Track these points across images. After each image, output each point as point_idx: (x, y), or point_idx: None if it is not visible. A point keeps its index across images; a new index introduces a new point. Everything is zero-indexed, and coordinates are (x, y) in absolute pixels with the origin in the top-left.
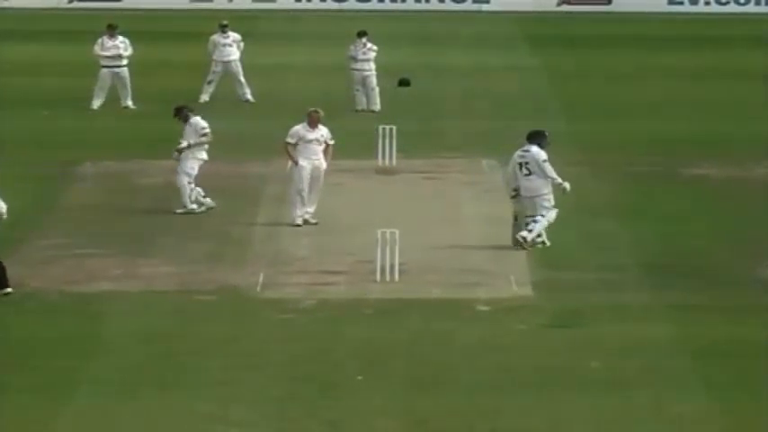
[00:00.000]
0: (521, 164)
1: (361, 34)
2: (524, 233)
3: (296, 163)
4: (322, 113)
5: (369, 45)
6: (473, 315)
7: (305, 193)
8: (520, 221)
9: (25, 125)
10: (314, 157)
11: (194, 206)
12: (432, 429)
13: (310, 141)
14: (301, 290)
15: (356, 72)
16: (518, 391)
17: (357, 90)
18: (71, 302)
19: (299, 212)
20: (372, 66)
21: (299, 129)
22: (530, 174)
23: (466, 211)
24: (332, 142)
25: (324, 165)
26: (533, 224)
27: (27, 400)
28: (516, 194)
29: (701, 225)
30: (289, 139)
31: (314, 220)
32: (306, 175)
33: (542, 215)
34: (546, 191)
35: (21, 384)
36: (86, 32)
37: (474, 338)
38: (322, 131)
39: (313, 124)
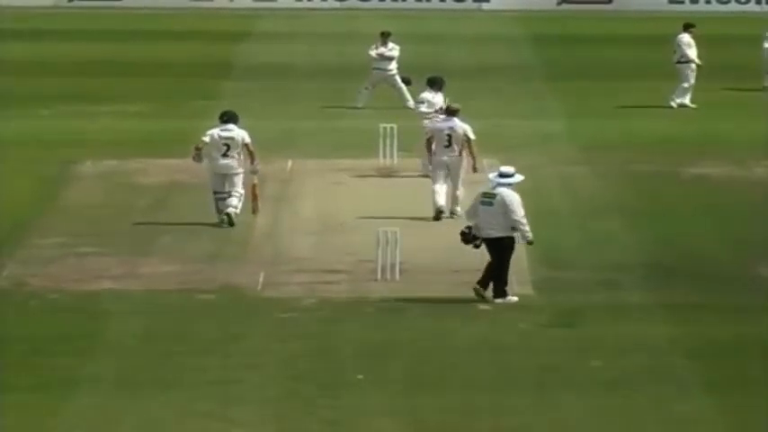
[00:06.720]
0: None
1: (385, 35)
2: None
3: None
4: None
5: (391, 45)
6: (473, 314)
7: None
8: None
9: (25, 124)
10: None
11: None
12: (432, 428)
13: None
14: (302, 289)
15: (378, 71)
16: (518, 390)
17: (366, 89)
18: (72, 301)
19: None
20: (395, 65)
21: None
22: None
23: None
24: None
25: None
26: None
27: (27, 399)
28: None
29: (701, 225)
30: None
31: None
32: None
33: None
34: None
35: (21, 383)
36: (86, 31)
37: (474, 337)
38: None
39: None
